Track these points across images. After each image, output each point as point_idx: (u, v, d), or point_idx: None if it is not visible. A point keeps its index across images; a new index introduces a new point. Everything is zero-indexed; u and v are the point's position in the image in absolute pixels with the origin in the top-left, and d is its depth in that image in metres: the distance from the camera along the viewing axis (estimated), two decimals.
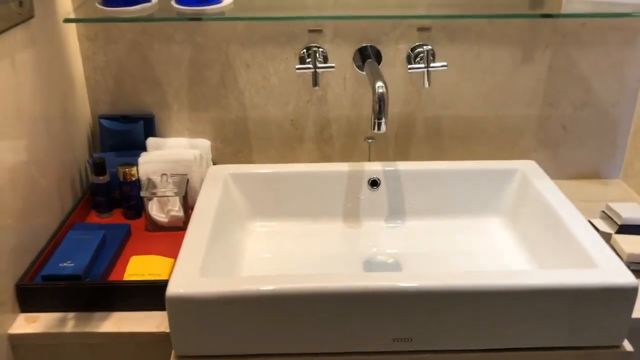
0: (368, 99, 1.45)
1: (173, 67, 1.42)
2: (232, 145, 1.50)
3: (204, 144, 1.46)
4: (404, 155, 1.52)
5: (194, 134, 1.49)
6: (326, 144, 1.50)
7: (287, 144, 1.50)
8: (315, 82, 1.34)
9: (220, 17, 1.32)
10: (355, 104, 1.46)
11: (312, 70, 1.33)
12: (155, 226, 1.31)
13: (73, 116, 1.36)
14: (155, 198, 1.30)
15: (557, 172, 1.53)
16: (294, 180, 1.32)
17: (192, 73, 1.42)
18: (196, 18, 1.30)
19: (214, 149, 1.49)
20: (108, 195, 1.36)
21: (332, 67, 1.34)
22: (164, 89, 1.44)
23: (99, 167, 1.34)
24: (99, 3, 1.32)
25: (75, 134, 1.38)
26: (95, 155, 1.42)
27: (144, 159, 1.36)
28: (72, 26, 1.36)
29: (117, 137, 1.44)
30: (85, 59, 1.41)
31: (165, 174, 1.31)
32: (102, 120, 1.44)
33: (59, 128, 1.28)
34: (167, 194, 1.29)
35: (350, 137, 1.50)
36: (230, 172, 1.32)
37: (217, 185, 1.27)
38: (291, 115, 1.47)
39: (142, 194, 1.29)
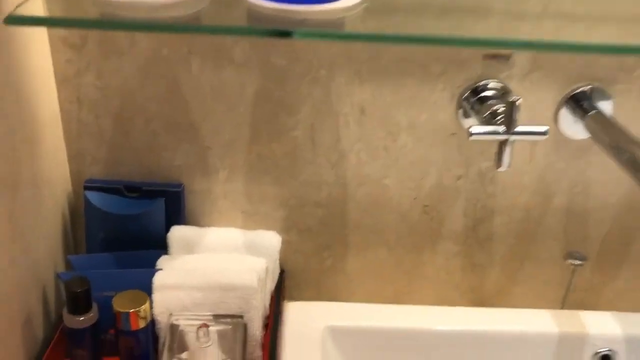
0: (569, 181, 0.81)
1: (224, 106, 0.77)
2: (315, 240, 0.86)
3: (271, 241, 0.82)
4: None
5: (253, 220, 0.85)
6: (481, 248, 0.87)
7: (411, 241, 0.86)
8: (500, 158, 0.70)
9: (340, 35, 0.66)
10: (546, 186, 0.82)
11: (501, 136, 0.69)
12: None
13: (33, 184, 0.72)
14: None
15: None
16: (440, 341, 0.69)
17: (258, 117, 0.78)
18: (286, 32, 0.62)
19: (284, 243, 0.85)
20: (94, 345, 0.73)
21: (544, 132, 0.69)
22: (204, 142, 0.79)
23: (77, 301, 0.70)
24: None
25: (35, 220, 0.73)
26: (73, 260, 0.77)
27: (163, 279, 0.72)
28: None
29: (115, 224, 0.80)
30: (63, 82, 0.76)
31: (206, 326, 0.67)
32: (89, 194, 0.79)
33: (3, 209, 0.64)
34: None
35: (526, 242, 0.86)
36: (329, 324, 0.69)
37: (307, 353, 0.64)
38: (426, 198, 0.83)
39: None
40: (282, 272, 0.86)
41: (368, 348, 0.70)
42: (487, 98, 0.75)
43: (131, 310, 0.68)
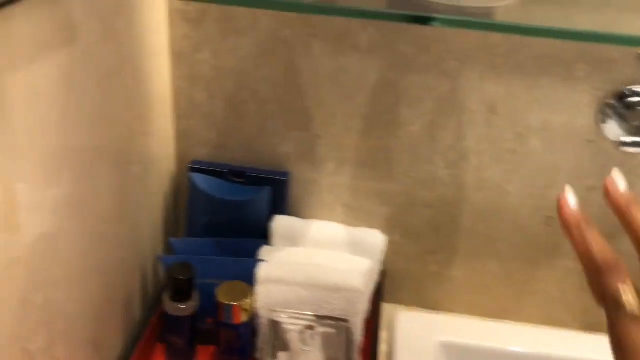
0: None
1: (341, 94, 0.72)
2: (421, 242, 0.81)
3: (375, 240, 0.77)
4: None
5: (355, 216, 0.80)
6: None
7: (527, 254, 0.79)
8: None
9: (489, 25, 0.59)
10: None
11: None
12: None
13: (141, 163, 0.70)
14: None
15: None
16: None
17: (375, 108, 0.73)
18: (427, 18, 0.57)
19: (388, 244, 0.79)
20: (192, 334, 0.70)
21: None
22: (315, 131, 0.75)
23: (180, 288, 0.67)
24: None
25: (141, 200, 0.71)
26: (174, 243, 0.75)
27: (267, 271, 0.69)
28: None
29: (217, 209, 0.77)
30: (178, 58, 0.73)
31: (312, 328, 0.63)
32: (194, 176, 0.77)
33: (107, 183, 0.62)
34: None
35: None
36: (443, 340, 0.64)
37: None
38: (550, 209, 0.76)
39: None
40: (382, 273, 0.81)
41: None
42: (637, 104, 0.67)
43: (235, 303, 0.65)
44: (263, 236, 0.76)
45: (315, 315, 0.66)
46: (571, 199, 0.36)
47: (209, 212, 0.77)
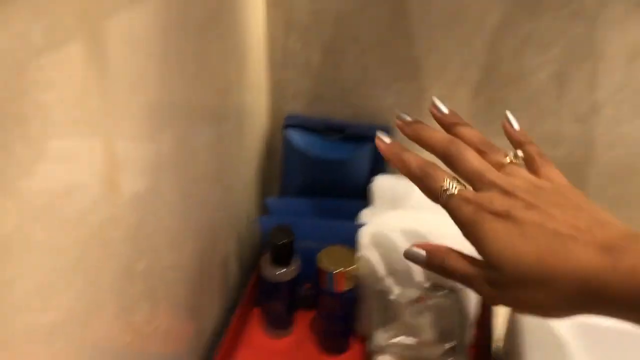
0: None
1: (456, 39, 0.64)
2: None
3: None
4: None
5: None
6: None
7: None
8: None
9: None
10: None
11: None
12: None
13: (236, 118, 0.65)
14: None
15: None
16: None
17: (495, 55, 0.64)
18: None
19: None
20: (290, 299, 0.66)
21: None
22: (422, 82, 0.68)
23: (280, 252, 0.63)
24: None
25: (235, 158, 0.67)
26: (271, 203, 0.71)
27: (371, 236, 0.63)
28: None
29: (314, 168, 0.71)
30: (273, 5, 0.67)
31: (424, 299, 0.58)
32: (289, 132, 0.71)
33: (204, 141, 0.57)
34: (429, 353, 0.57)
35: None
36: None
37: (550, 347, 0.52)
38: None
39: (369, 346, 0.57)
40: None
41: (619, 347, 0.57)
42: None
43: (337, 271, 0.60)
44: (362, 197, 0.71)
45: (425, 285, 0.61)
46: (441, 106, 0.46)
47: (304, 172, 0.72)
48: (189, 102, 0.50)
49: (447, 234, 0.63)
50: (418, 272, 0.62)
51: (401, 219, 0.66)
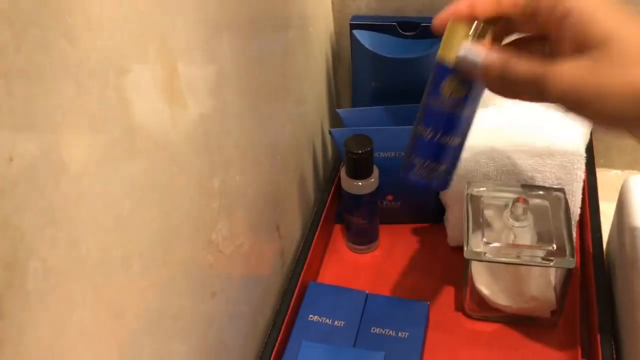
0: None
1: None
2: None
3: None
4: None
5: None
6: None
7: None
8: None
9: None
10: None
11: None
12: (481, 307, 0.57)
13: (300, 25, 0.60)
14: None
15: None
16: None
17: None
18: None
19: None
20: (373, 212, 0.63)
21: None
22: None
23: (359, 164, 0.59)
24: None
25: (302, 68, 0.62)
26: (343, 113, 0.66)
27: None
28: None
29: (387, 70, 0.66)
30: None
31: (525, 201, 0.52)
32: (357, 33, 0.65)
33: (268, 52, 0.53)
34: (529, 257, 0.52)
35: None
36: None
37: None
38: None
39: (466, 253, 0.53)
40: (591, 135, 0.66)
41: None
42: None
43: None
44: None
45: (525, 186, 0.55)
46: None
47: (376, 75, 0.66)
48: (248, 13, 0.45)
49: (550, 129, 0.57)
50: (514, 174, 0.57)
51: (496, 116, 0.60)
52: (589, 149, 0.64)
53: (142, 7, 0.31)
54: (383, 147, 0.61)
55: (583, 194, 0.59)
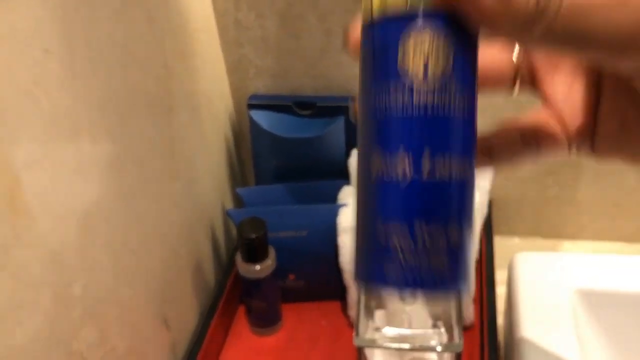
0: None
1: None
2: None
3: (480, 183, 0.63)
4: None
5: None
6: None
7: None
8: None
9: None
10: None
11: None
12: None
13: (189, 106, 0.59)
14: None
15: None
16: None
17: None
18: None
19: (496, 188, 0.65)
20: (273, 295, 0.61)
21: None
22: None
23: (253, 247, 0.58)
24: None
25: (195, 149, 0.61)
26: (242, 193, 0.65)
27: (351, 218, 0.58)
28: None
29: (286, 149, 0.66)
30: None
31: None
32: (254, 113, 0.65)
33: (148, 137, 0.52)
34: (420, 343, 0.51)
35: None
36: (579, 287, 0.51)
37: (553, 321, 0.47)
38: None
39: (356, 340, 0.52)
40: (489, 204, 0.68)
41: (628, 315, 0.51)
42: None
43: None
44: (341, 175, 0.65)
45: None
46: None
47: (276, 154, 0.66)
48: (122, 98, 0.44)
49: None
50: None
51: None
52: (488, 220, 0.65)
53: None
54: (281, 226, 0.61)
55: (480, 264, 0.59)
